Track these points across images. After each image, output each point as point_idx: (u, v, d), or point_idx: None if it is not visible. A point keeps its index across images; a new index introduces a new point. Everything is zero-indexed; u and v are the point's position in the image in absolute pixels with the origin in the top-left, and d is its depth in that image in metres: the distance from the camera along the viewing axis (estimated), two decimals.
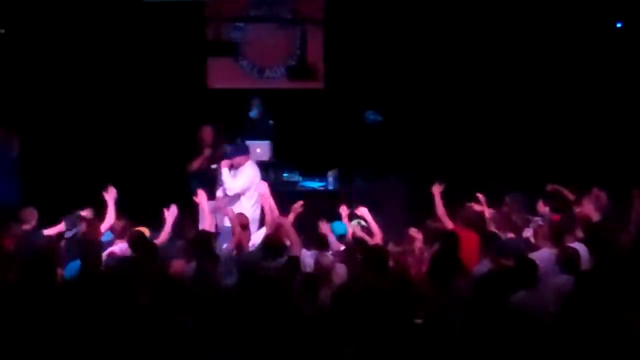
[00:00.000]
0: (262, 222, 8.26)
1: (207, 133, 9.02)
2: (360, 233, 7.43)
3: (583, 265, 6.34)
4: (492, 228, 7.37)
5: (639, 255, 6.53)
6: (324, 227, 7.33)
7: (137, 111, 10.67)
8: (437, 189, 7.69)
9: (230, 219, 7.63)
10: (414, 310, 5.48)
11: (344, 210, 7.72)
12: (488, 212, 7.76)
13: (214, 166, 8.84)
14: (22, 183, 9.33)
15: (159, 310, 5.30)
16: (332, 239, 7.29)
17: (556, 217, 7.58)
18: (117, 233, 7.28)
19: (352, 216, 7.77)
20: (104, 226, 7.36)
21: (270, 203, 7.83)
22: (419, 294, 5.76)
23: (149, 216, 7.77)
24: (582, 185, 8.25)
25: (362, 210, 7.65)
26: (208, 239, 6.99)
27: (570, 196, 8.06)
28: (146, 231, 7.17)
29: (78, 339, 5.02)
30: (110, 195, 7.53)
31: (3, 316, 5.24)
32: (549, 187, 8.27)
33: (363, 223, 7.65)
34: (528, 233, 7.41)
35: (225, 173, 8.55)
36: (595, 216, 7.56)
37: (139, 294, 5.61)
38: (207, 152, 8.97)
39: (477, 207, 7.89)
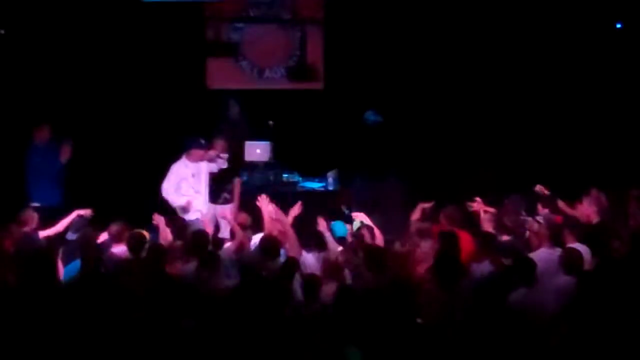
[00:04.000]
0: None
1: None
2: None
3: (585, 265, 6.34)
4: (490, 229, 7.36)
5: (637, 255, 6.54)
6: (322, 224, 7.22)
7: (136, 112, 10.66)
8: (422, 206, 7.70)
9: (230, 220, 7.62)
10: (415, 311, 5.48)
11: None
12: (486, 213, 7.75)
13: None
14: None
15: (159, 311, 5.31)
16: (329, 238, 7.14)
17: (558, 218, 7.58)
18: (114, 236, 7.26)
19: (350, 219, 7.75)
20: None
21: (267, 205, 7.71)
22: (420, 294, 5.76)
23: (148, 217, 7.76)
24: (581, 186, 8.25)
25: (360, 215, 7.64)
26: (208, 239, 7.00)
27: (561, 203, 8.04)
28: (146, 234, 7.16)
29: (78, 340, 5.03)
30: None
31: (3, 317, 5.25)
32: (537, 188, 8.26)
33: (364, 223, 7.63)
34: (528, 234, 7.41)
35: None
36: (595, 217, 7.56)
37: (139, 294, 5.61)
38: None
39: (476, 207, 7.90)
